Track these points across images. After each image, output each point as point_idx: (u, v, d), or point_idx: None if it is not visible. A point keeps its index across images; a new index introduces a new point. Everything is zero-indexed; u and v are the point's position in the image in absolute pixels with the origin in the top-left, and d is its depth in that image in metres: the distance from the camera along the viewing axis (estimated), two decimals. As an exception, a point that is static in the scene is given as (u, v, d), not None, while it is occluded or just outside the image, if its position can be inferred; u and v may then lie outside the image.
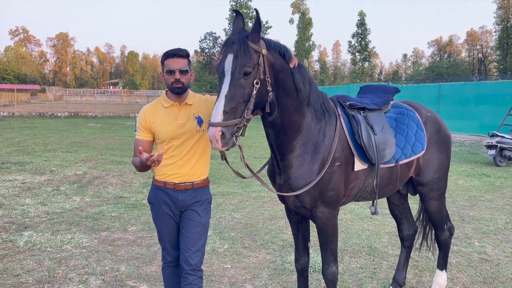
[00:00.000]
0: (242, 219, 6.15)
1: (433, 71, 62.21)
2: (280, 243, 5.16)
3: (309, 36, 66.16)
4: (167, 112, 2.89)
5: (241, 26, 2.58)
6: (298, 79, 2.67)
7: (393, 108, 3.42)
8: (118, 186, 8.25)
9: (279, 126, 2.72)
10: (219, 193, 7.69)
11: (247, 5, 57.86)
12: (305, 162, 2.79)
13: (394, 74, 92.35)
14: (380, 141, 3.05)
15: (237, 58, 2.38)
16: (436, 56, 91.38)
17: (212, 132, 2.32)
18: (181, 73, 2.77)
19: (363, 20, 61.12)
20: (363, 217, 6.31)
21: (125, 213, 6.37)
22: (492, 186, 8.71)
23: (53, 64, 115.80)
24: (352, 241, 5.26)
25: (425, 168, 3.39)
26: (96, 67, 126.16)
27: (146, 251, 4.86)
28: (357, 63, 63.67)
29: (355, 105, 3.11)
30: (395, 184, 3.29)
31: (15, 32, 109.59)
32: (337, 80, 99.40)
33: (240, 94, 2.38)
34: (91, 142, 15.51)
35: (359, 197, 3.23)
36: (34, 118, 28.25)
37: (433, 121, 3.47)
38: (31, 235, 5.26)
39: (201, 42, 66.28)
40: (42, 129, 19.99)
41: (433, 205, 3.56)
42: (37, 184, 8.21)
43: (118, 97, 62.50)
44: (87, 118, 29.62)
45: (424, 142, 3.31)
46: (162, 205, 2.93)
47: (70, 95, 76.38)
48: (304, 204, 2.89)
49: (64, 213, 6.30)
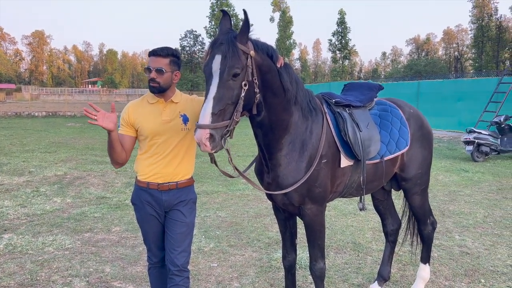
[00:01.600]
0: (227, 218, 6.14)
1: (411, 69, 63.24)
2: (266, 241, 5.18)
3: (290, 34, 66.30)
4: (152, 108, 2.85)
5: (228, 27, 2.55)
6: (286, 79, 2.68)
7: (377, 105, 3.47)
8: (100, 186, 8.13)
9: (267, 126, 2.72)
10: (203, 192, 7.66)
11: (228, 3, 57.65)
12: (293, 160, 2.81)
13: (373, 72, 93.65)
14: (366, 137, 3.09)
15: (226, 59, 2.36)
16: (414, 54, 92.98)
17: (200, 134, 2.28)
18: (157, 72, 2.72)
19: (343, 18, 61.72)
20: (346, 213, 6.38)
21: (108, 213, 6.28)
22: (470, 181, 8.93)
23: (29, 62, 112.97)
24: (336, 237, 5.32)
25: (409, 164, 3.45)
26: (74, 65, 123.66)
27: (131, 251, 4.81)
28: (337, 61, 64.29)
29: (340, 102, 3.14)
30: (381, 180, 3.34)
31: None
32: (318, 78, 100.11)
33: (229, 95, 2.36)
34: (70, 142, 15.22)
35: (345, 193, 3.27)
36: (10, 118, 27.55)
37: (415, 118, 3.54)
38: (11, 237, 5.14)
39: (182, 40, 65.74)
40: (19, 129, 19.51)
41: (417, 200, 3.63)
42: (16, 185, 8.01)
43: (97, 96, 61.48)
44: (66, 118, 29.06)
45: (408, 138, 3.37)
46: (146, 206, 2.89)
47: (47, 94, 74.64)
48: (292, 201, 2.91)
49: (44, 214, 6.17)
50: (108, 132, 2.66)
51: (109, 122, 2.64)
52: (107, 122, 2.63)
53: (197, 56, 65.32)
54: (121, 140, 2.82)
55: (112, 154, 2.79)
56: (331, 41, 63.65)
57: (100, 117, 2.62)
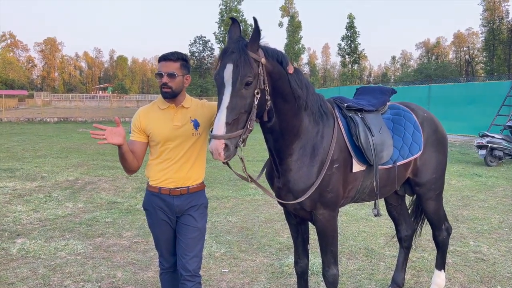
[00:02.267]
0: (238, 223, 6.12)
1: (421, 73, 62.85)
2: (277, 246, 5.14)
3: (299, 39, 66.39)
4: (163, 114, 2.85)
5: (238, 34, 2.53)
6: (296, 85, 2.66)
7: (390, 109, 3.44)
8: (111, 191, 8.17)
9: (277, 131, 2.71)
10: (214, 197, 7.66)
11: (237, 8, 57.96)
12: (304, 165, 2.79)
13: (383, 76, 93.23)
14: (378, 142, 3.06)
15: (238, 68, 2.34)
16: (424, 58, 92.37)
17: (215, 144, 2.28)
18: (169, 76, 2.73)
19: (352, 23, 61.63)
20: (358, 218, 6.32)
21: (119, 218, 6.31)
22: (484, 186, 8.80)
23: (41, 69, 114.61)
24: (348, 243, 5.27)
25: (422, 169, 3.41)
26: (85, 72, 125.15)
27: (142, 256, 4.81)
28: (346, 66, 64.13)
29: (352, 107, 3.12)
30: (393, 185, 3.30)
31: (1, 38, 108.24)
32: (327, 82, 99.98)
33: (242, 105, 2.35)
34: (82, 147, 15.36)
35: (358, 198, 3.23)
36: (22, 124, 27.91)
37: (429, 122, 3.49)
38: (24, 242, 5.17)
39: (191, 46, 66.30)
40: (31, 135, 19.75)
41: (431, 206, 3.58)
42: (29, 190, 8.09)
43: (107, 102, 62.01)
44: (77, 123, 29.35)
45: (421, 142, 3.33)
46: (158, 211, 2.89)
47: (59, 100, 75.56)
48: (304, 206, 2.88)
49: (57, 219, 6.21)
50: (118, 146, 2.67)
51: (117, 137, 2.62)
52: (116, 138, 2.62)
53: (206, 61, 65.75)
54: (132, 146, 2.82)
55: (125, 165, 2.80)
56: (340, 45, 63.61)
57: (108, 134, 2.60)
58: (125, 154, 2.73)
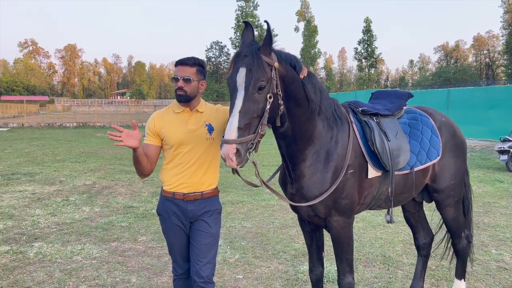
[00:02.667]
0: (253, 228, 6.08)
1: (440, 77, 61.85)
2: (292, 253, 5.08)
3: (315, 43, 66.28)
4: (178, 118, 2.85)
5: (251, 38, 2.51)
6: (309, 89, 2.62)
7: (407, 114, 3.36)
8: (127, 195, 8.24)
9: (290, 136, 2.67)
10: (229, 201, 7.64)
11: (253, 14, 58.18)
12: (318, 171, 2.74)
13: (400, 80, 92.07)
14: (394, 147, 2.99)
15: (251, 72, 2.31)
16: (442, 61, 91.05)
17: (227, 149, 2.24)
18: (185, 81, 2.73)
19: (369, 26, 61.18)
20: (375, 225, 6.21)
21: (134, 223, 6.34)
22: (506, 192, 8.56)
23: (61, 75, 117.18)
24: (365, 250, 5.17)
25: (440, 175, 3.32)
26: (104, 77, 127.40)
27: (156, 261, 4.81)
28: (363, 70, 63.62)
29: (367, 111, 3.06)
30: (411, 192, 3.22)
31: (24, 45, 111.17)
32: (343, 86, 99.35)
33: (254, 109, 2.32)
34: (99, 152, 15.56)
35: (373, 205, 3.16)
36: (43, 129, 28.49)
37: (447, 126, 3.40)
38: (41, 246, 5.24)
39: (208, 51, 66.75)
40: (51, 140, 20.13)
41: (450, 213, 3.47)
42: (47, 194, 8.22)
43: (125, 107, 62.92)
44: (95, 128, 29.82)
45: (439, 148, 3.24)
46: (172, 216, 2.88)
47: (78, 106, 77.09)
48: (318, 213, 2.83)
49: (73, 223, 6.28)
50: (133, 149, 2.67)
51: (133, 140, 2.63)
52: (131, 141, 2.63)
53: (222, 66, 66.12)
54: (146, 150, 2.82)
55: (139, 168, 2.81)
56: (356, 49, 63.13)
57: (124, 137, 2.62)
58: (140, 157, 2.73)
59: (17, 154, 14.47)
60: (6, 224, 6.14)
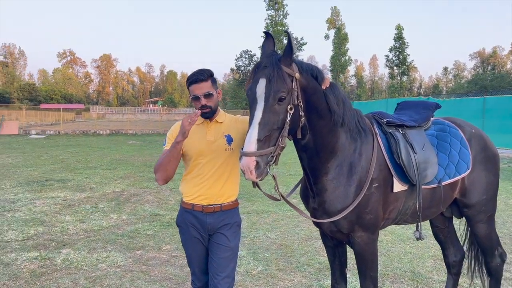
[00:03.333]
0: (277, 239, 5.99)
1: (476, 84, 59.87)
2: (317, 266, 4.96)
3: (345, 51, 65.75)
4: (197, 128, 2.84)
5: (271, 49, 2.47)
6: (332, 100, 2.55)
7: (434, 125, 3.22)
8: (154, 203, 8.32)
9: (312, 149, 2.59)
10: (254, 211, 7.58)
11: (282, 22, 58.33)
12: (341, 185, 2.65)
13: (434, 88, 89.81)
14: (421, 160, 2.87)
15: (271, 83, 2.27)
16: (479, 68, 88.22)
17: (246, 162, 2.20)
18: (206, 97, 2.72)
19: (400, 33, 60.08)
20: (404, 239, 5.99)
21: (160, 231, 6.38)
22: (546, 206, 8.09)
23: (96, 84, 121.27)
24: (393, 265, 4.98)
25: (471, 189, 3.15)
26: (137, 86, 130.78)
27: (179, 271, 4.81)
28: (395, 78, 62.42)
29: (392, 122, 2.95)
30: (438, 206, 3.07)
31: (62, 55, 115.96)
32: (374, 94, 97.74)
33: (274, 121, 2.27)
34: (130, 159, 15.87)
35: (399, 220, 3.04)
36: (78, 136, 29.41)
37: (478, 138, 3.24)
38: (69, 252, 5.34)
39: (237, 60, 67.21)
40: (84, 147, 20.73)
41: (482, 229, 3.29)
42: (77, 201, 8.42)
43: (157, 115, 64.28)
44: (127, 136, 30.51)
45: (469, 160, 3.08)
46: (190, 228, 2.86)
47: (112, 114, 79.35)
48: (341, 228, 2.74)
49: (101, 230, 6.38)
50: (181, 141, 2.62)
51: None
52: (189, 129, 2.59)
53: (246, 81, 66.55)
54: None
55: (168, 168, 2.72)
56: (388, 57, 62.06)
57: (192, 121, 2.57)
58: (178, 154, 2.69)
59: (52, 160, 14.96)
60: (37, 230, 6.32)
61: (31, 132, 31.15)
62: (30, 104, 62.36)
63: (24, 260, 5.05)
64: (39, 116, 48.22)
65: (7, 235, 6.00)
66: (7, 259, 5.06)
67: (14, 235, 6.04)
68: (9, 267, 4.85)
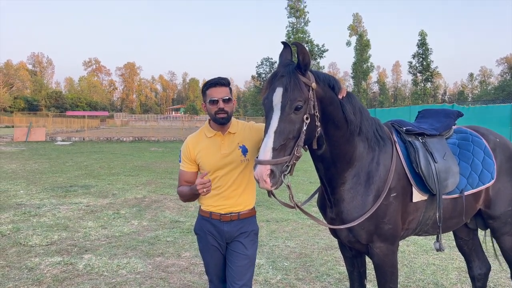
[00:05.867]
0: (296, 248, 5.94)
1: (503, 91, 58.32)
2: (337, 276, 4.89)
3: (367, 57, 65.21)
4: (211, 142, 2.84)
5: (289, 58, 2.47)
6: (348, 110, 2.53)
7: (456, 134, 3.14)
8: (175, 210, 8.39)
9: (329, 159, 2.57)
10: (273, 219, 7.55)
11: (304, 29, 58.34)
12: (358, 195, 2.61)
13: (459, 95, 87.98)
14: (442, 169, 2.80)
15: (287, 92, 2.27)
16: (506, 74, 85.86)
17: (260, 170, 2.19)
18: (225, 102, 2.73)
19: (424, 40, 59.28)
20: (428, 249, 5.85)
21: (179, 238, 6.42)
22: None
23: (121, 91, 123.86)
24: (416, 277, 4.86)
25: (496, 200, 3.05)
26: (160, 94, 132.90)
27: (198, 279, 4.82)
28: (418, 84, 61.47)
29: (412, 131, 2.90)
30: (461, 217, 2.98)
31: (88, 63, 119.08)
32: (397, 101, 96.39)
33: (290, 130, 2.26)
34: (152, 166, 16.08)
35: (420, 230, 2.97)
36: (102, 143, 30.01)
37: (503, 147, 3.14)
38: (90, 258, 5.43)
39: (258, 68, 67.50)
40: (108, 153, 21.12)
41: (508, 242, 3.18)
42: (100, 207, 8.56)
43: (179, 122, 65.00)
44: (150, 143, 30.96)
45: (494, 170, 2.99)
46: (208, 236, 2.87)
47: (135, 121, 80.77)
48: (359, 239, 2.69)
49: (122, 236, 6.47)
50: None
51: None
52: None
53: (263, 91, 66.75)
54: (185, 176, 2.86)
55: (188, 199, 2.86)
56: (411, 63, 61.23)
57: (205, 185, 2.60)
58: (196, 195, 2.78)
59: (76, 167, 15.30)
60: (60, 235, 6.45)
61: (57, 139, 31.98)
62: (57, 111, 64.15)
63: (47, 265, 5.16)
64: (65, 123, 49.51)
65: (32, 240, 6.15)
66: (31, 264, 5.18)
67: (38, 240, 6.18)
68: (32, 271, 4.96)
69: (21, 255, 5.52)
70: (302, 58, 2.31)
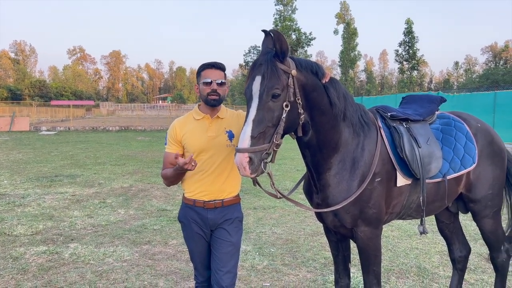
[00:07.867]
0: (283, 235, 5.99)
1: (487, 79, 59.00)
2: (322, 261, 4.96)
3: (355, 46, 65.31)
4: (198, 124, 2.84)
5: (270, 47, 2.45)
6: (332, 93, 2.53)
7: (439, 119, 3.18)
8: (162, 198, 8.37)
9: (315, 146, 2.58)
10: (260, 206, 7.59)
11: (291, 17, 58.04)
12: (343, 180, 2.63)
13: (445, 83, 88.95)
14: (425, 154, 2.83)
15: (264, 80, 2.27)
16: (490, 63, 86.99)
17: (239, 158, 2.20)
18: (219, 84, 2.73)
19: (410, 28, 59.48)
20: (411, 234, 5.95)
21: (166, 226, 6.41)
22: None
23: (106, 80, 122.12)
24: (399, 260, 4.96)
25: (476, 184, 3.11)
26: (146, 82, 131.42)
27: (185, 266, 4.83)
28: (405, 72, 61.89)
29: (396, 116, 2.92)
30: (443, 201, 3.03)
31: (72, 52, 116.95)
32: (384, 89, 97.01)
33: (269, 117, 2.26)
34: (138, 155, 15.97)
35: (403, 214, 3.01)
36: (87, 132, 29.67)
37: (484, 133, 3.19)
38: (76, 247, 5.40)
39: (246, 56, 67.10)
40: (94, 143, 20.90)
41: (488, 224, 3.25)
42: (86, 196, 8.50)
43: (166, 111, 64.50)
44: (137, 132, 30.71)
45: (475, 154, 3.04)
46: (192, 224, 2.87)
47: (121, 110, 79.85)
48: (344, 223, 2.72)
49: (108, 225, 6.44)
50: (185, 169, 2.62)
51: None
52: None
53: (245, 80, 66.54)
54: (169, 158, 2.83)
55: (173, 182, 2.85)
56: (397, 51, 61.50)
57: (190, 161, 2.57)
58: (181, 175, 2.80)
59: (61, 156, 15.12)
60: (46, 225, 6.39)
61: (41, 129, 31.50)
62: (41, 100, 63.06)
63: (32, 254, 5.12)
64: (49, 113, 48.73)
65: (17, 230, 6.09)
66: (16, 253, 5.14)
67: (23, 229, 6.12)
68: (17, 261, 4.92)
69: (6, 245, 5.46)
70: (280, 46, 2.30)
